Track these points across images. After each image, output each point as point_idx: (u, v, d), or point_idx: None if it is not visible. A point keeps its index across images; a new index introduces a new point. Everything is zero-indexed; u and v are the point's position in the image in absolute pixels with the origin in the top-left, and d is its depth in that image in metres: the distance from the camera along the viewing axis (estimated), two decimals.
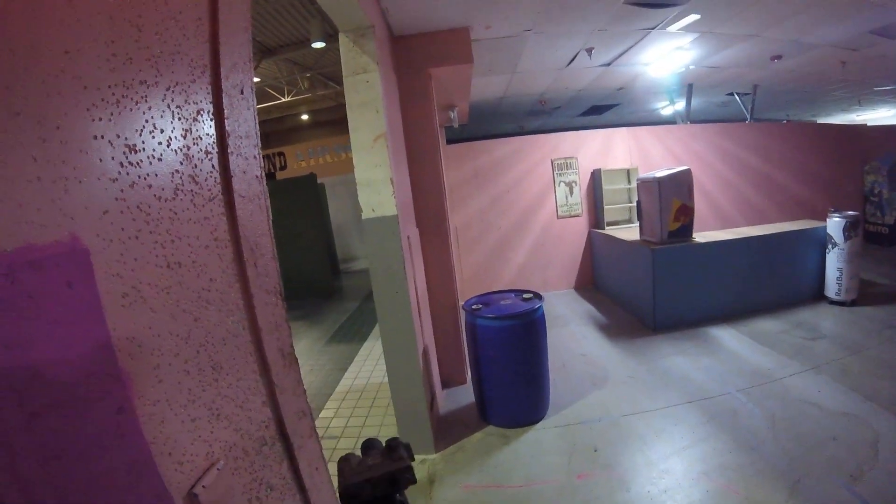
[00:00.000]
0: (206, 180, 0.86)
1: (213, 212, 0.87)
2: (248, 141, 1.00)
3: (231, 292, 0.89)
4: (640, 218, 5.55)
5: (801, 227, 5.44)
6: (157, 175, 0.74)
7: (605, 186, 7.18)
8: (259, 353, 0.95)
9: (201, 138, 0.87)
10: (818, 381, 3.54)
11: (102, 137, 0.63)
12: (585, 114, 10.20)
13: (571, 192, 7.40)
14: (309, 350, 6.00)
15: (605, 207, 7.17)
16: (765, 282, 5.24)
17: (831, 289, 5.18)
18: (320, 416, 3.96)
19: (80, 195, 0.58)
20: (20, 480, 0.51)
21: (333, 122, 12.72)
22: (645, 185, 5.33)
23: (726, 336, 4.67)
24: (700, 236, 5.33)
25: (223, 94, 0.94)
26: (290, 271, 8.87)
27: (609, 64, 6.27)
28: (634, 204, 6.39)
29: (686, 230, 5.06)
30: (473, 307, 3.44)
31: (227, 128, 0.92)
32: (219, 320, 0.85)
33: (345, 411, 3.99)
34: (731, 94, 8.99)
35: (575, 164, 7.36)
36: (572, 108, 9.42)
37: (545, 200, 7.37)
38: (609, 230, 6.91)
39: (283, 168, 13.34)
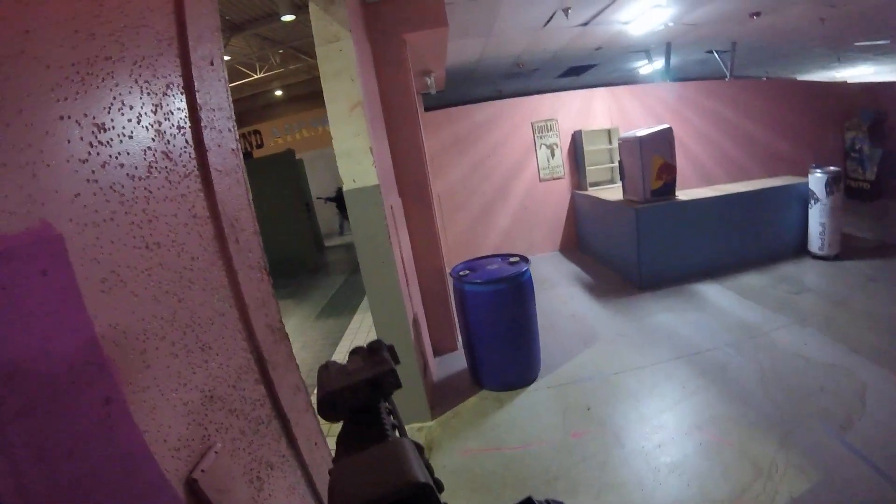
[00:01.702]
0: (180, 156, 0.83)
1: (190, 188, 0.85)
2: (222, 114, 0.97)
3: (214, 270, 0.87)
4: (622, 178, 5.57)
5: (783, 184, 5.50)
6: (128, 153, 0.71)
7: (587, 147, 7.15)
8: (248, 330, 0.94)
9: (172, 113, 0.84)
10: (804, 334, 3.63)
11: (69, 118, 0.60)
12: (564, 75, 10.06)
13: (553, 155, 7.37)
14: (299, 327, 6.00)
15: (588, 168, 7.16)
16: (748, 238, 5.32)
17: (814, 243, 5.29)
18: (314, 393, 3.98)
19: (50, 179, 0.56)
20: (13, 481, 0.50)
21: (308, 95, 12.36)
22: (626, 144, 5.32)
23: (712, 292, 4.77)
24: (683, 194, 5.38)
25: (192, 67, 0.90)
26: (274, 250, 8.72)
27: (587, 23, 6.15)
28: (616, 164, 6.38)
29: (669, 188, 5.10)
30: (460, 273, 3.45)
31: (198, 101, 0.89)
32: (203, 300, 0.84)
33: None
34: (710, 51, 8.91)
35: (555, 126, 7.30)
36: (550, 69, 9.27)
37: (527, 164, 7.34)
38: (592, 191, 6.92)
39: (259, 146, 13.02)
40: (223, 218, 0.90)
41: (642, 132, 5.07)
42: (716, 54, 8.89)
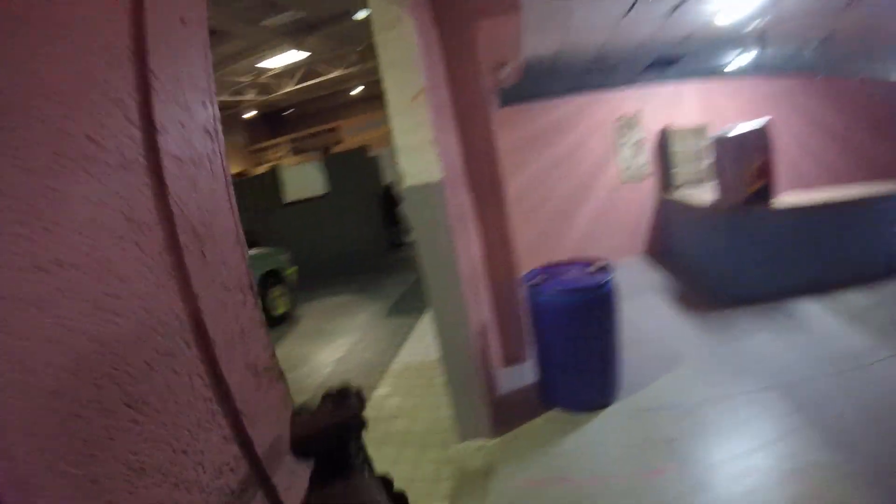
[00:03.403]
0: (113, 138, 0.61)
1: (128, 183, 0.62)
2: (192, 85, 0.74)
3: (160, 295, 0.64)
4: (713, 180, 4.94)
5: (893, 191, 4.59)
6: (13, 130, 0.49)
7: (674, 146, 6.59)
8: (213, 372, 0.70)
9: (108, 81, 0.61)
10: None
11: None
12: (648, 69, 9.35)
13: (637, 154, 6.81)
14: (368, 324, 5.95)
15: (675, 169, 6.60)
16: (853, 250, 4.48)
17: None
18: (375, 394, 3.85)
19: None
20: None
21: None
22: (718, 143, 4.74)
23: (812, 311, 4.04)
24: (780, 200, 4.64)
25: (146, 25, 0.67)
26: (348, 245, 8.90)
27: (672, 12, 5.53)
28: (707, 165, 5.78)
29: (765, 193, 4.43)
30: (534, 281, 3.11)
31: (150, 66, 0.66)
32: (137, 337, 0.61)
33: (400, 390, 3.85)
34: (803, 46, 7.84)
35: (640, 122, 6.76)
36: (634, 63, 8.66)
37: (608, 163, 6.84)
38: (680, 193, 6.34)
39: (338, 143, 13.38)
40: (179, 223, 0.67)
41: (736, 130, 4.44)
42: (808, 49, 7.86)
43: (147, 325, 0.63)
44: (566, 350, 2.96)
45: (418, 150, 2.66)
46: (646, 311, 4.66)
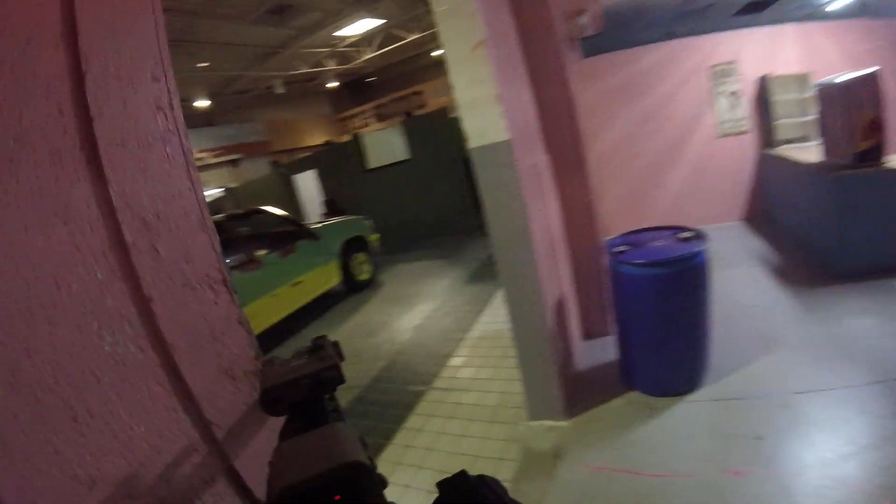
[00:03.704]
0: (36, 131, 0.54)
1: (59, 178, 0.55)
2: (136, 55, 0.65)
3: (104, 298, 0.58)
4: (820, 135, 4.17)
5: None
6: None
7: (775, 97, 5.70)
8: (177, 378, 0.64)
9: (25, 54, 0.54)
10: None
11: None
12: (742, 12, 8.11)
13: (734, 105, 5.96)
14: (448, 290, 5.95)
15: (777, 123, 5.72)
16: None
17: None
18: (449, 363, 3.84)
19: None
20: None
21: None
22: (824, 93, 3.99)
23: None
24: (894, 160, 3.78)
25: None
26: (430, 210, 8.92)
27: None
28: (812, 117, 4.95)
29: (877, 151, 3.62)
30: (618, 249, 2.82)
31: (80, 41, 0.58)
32: (78, 344, 0.55)
33: (475, 360, 3.80)
34: None
35: (736, 70, 5.90)
36: (726, 5, 7.51)
37: (703, 116, 6.06)
38: (782, 150, 5.47)
39: (421, 107, 13.30)
40: (123, 217, 0.59)
41: (844, 78, 3.67)
42: None
43: (89, 332, 0.57)
44: (649, 327, 2.67)
45: (481, 108, 2.45)
46: (740, 284, 4.12)
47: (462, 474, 0.48)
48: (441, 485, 0.48)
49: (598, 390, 2.92)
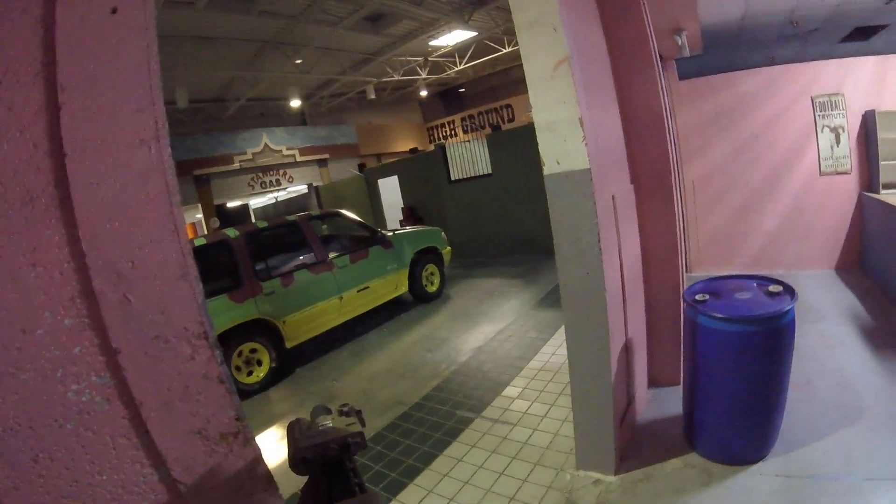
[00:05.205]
0: (11, 172, 0.52)
1: (31, 222, 0.53)
2: (121, 86, 0.62)
3: (71, 347, 0.55)
4: None
5: None
6: None
7: (882, 134, 4.95)
8: (144, 433, 0.60)
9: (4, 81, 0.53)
10: None
11: None
12: (847, 39, 7.13)
13: (838, 141, 5.26)
14: (516, 312, 5.77)
15: (882, 163, 4.99)
16: None
17: None
18: (503, 393, 3.67)
19: None
20: None
21: None
22: None
23: None
24: None
25: (56, 7, 0.57)
26: (510, 227, 8.76)
27: None
28: None
29: None
30: (697, 298, 2.53)
31: (59, 74, 0.56)
32: (42, 391, 0.52)
33: (531, 393, 3.60)
34: None
35: (841, 102, 5.20)
36: (831, 31, 6.67)
37: (804, 150, 5.42)
38: (885, 195, 4.79)
39: (510, 121, 13.17)
40: (92, 264, 0.56)
41: None
42: None
43: (53, 379, 0.54)
44: (724, 387, 2.35)
45: (560, 131, 2.30)
46: (829, 342, 3.56)
47: None
48: None
49: (655, 445, 2.64)
